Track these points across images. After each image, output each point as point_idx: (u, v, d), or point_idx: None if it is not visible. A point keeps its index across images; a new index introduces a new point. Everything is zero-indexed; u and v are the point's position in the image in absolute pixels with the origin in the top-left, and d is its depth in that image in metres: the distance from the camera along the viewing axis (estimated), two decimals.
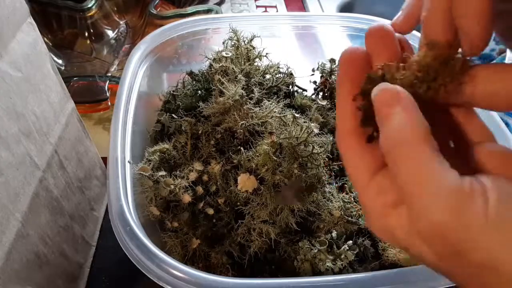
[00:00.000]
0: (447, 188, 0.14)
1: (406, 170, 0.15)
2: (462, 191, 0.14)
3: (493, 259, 0.14)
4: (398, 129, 0.16)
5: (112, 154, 0.30)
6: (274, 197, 0.28)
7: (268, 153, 0.25)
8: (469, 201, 0.14)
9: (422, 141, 0.15)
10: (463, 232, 0.14)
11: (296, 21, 0.46)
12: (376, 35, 0.18)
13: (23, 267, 0.28)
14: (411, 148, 0.15)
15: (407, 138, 0.15)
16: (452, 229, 0.14)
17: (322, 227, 0.30)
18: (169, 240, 0.31)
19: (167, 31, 0.42)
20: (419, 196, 0.15)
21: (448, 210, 0.14)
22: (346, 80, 0.18)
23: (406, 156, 0.15)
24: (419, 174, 0.15)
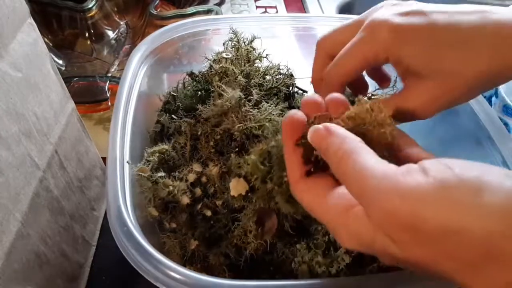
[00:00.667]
0: (387, 176, 0.16)
1: (351, 175, 0.18)
2: (401, 173, 0.16)
3: (446, 222, 0.15)
4: (336, 151, 0.19)
5: (111, 154, 0.30)
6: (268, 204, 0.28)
7: (256, 162, 0.26)
8: (409, 178, 0.16)
9: (358, 150, 0.18)
10: (411, 205, 0.15)
11: (296, 22, 0.46)
12: (308, 105, 0.23)
13: (23, 267, 0.28)
14: (351, 159, 0.18)
15: (346, 152, 0.18)
16: (402, 208, 0.15)
17: (319, 229, 0.30)
18: (168, 241, 0.31)
19: (167, 32, 0.42)
20: (366, 191, 0.17)
21: (392, 192, 0.16)
22: (289, 138, 0.22)
23: (348, 166, 0.18)
24: (361, 174, 0.17)
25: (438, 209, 0.15)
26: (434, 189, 0.15)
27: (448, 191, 0.15)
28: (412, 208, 0.15)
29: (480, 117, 0.36)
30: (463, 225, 0.14)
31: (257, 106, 0.33)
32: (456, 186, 0.15)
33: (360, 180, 0.17)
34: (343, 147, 0.19)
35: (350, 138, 0.19)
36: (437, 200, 0.15)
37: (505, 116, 0.47)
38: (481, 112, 0.36)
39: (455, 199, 0.14)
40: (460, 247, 0.15)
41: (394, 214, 0.15)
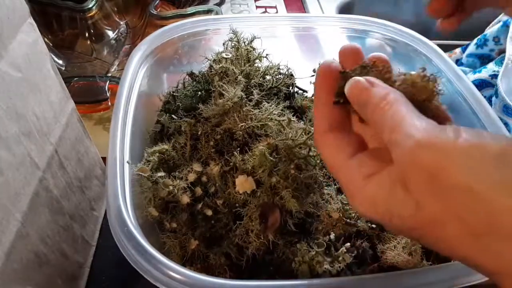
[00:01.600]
0: (423, 126, 0.17)
1: (388, 122, 0.18)
2: (436, 126, 0.17)
3: (466, 180, 0.15)
4: (377, 102, 0.19)
5: (111, 154, 0.30)
6: (272, 199, 0.28)
7: (264, 153, 0.26)
8: (442, 133, 0.16)
9: (401, 102, 0.18)
10: (438, 155, 0.16)
11: (296, 22, 0.46)
12: (347, 52, 0.23)
13: (23, 267, 0.28)
14: (392, 109, 0.18)
15: (388, 102, 0.18)
16: (429, 155, 0.16)
17: (320, 229, 0.30)
18: (168, 241, 0.31)
19: (167, 32, 0.42)
20: (400, 134, 0.17)
21: (424, 139, 0.16)
22: (323, 87, 0.22)
23: (388, 114, 0.18)
24: (399, 122, 0.17)
25: (462, 166, 0.15)
26: (463, 148, 0.16)
27: (475, 154, 0.15)
28: (439, 159, 0.16)
29: (480, 117, 0.36)
30: (480, 189, 0.15)
31: (257, 106, 0.33)
32: (483, 153, 0.15)
33: (397, 126, 0.17)
34: (387, 98, 0.18)
35: (394, 91, 0.19)
36: (463, 158, 0.15)
37: (505, 116, 0.47)
38: (481, 112, 0.36)
39: (479, 163, 0.15)
40: (470, 209, 0.15)
41: (420, 160, 0.16)
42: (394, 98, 0.18)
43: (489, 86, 0.53)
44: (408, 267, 0.29)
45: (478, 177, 0.15)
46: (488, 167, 0.15)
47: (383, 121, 0.18)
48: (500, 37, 0.56)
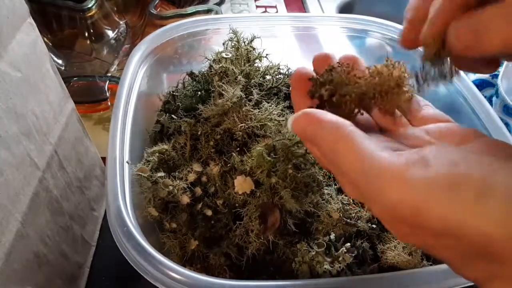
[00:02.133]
0: (387, 166, 0.15)
1: (346, 165, 0.17)
2: (402, 164, 0.15)
3: (447, 221, 0.14)
4: (324, 139, 0.17)
5: (110, 154, 0.30)
6: (272, 199, 0.28)
7: (262, 153, 0.26)
8: (410, 171, 0.15)
9: (352, 136, 0.17)
10: (413, 201, 0.15)
11: (296, 22, 0.46)
12: (320, 59, 0.22)
13: (22, 267, 0.28)
14: (345, 147, 0.17)
15: (338, 140, 0.17)
16: (403, 203, 0.15)
17: (320, 229, 0.30)
18: (168, 241, 0.31)
19: (167, 31, 0.42)
20: (365, 184, 0.16)
21: (394, 185, 0.15)
22: (298, 95, 0.22)
23: (342, 155, 0.17)
24: (358, 165, 0.16)
25: (440, 206, 0.14)
26: (436, 185, 0.14)
27: (450, 190, 0.14)
28: (414, 204, 0.15)
29: (481, 117, 0.36)
30: (463, 226, 0.14)
31: (257, 106, 0.33)
32: (459, 186, 0.14)
33: (359, 171, 0.16)
34: (334, 133, 0.17)
35: (340, 122, 0.17)
36: (439, 197, 0.14)
37: (506, 116, 0.47)
38: (482, 112, 0.36)
39: (457, 199, 0.14)
40: (458, 243, 0.15)
41: (395, 209, 0.15)
42: (341, 134, 0.17)
43: (490, 86, 0.53)
44: (408, 267, 0.29)
45: (459, 215, 0.14)
46: (467, 202, 0.14)
47: (341, 165, 0.17)
48: None
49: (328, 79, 0.21)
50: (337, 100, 0.21)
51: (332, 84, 0.21)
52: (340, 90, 0.21)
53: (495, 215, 0.13)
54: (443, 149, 0.16)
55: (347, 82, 0.21)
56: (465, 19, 0.16)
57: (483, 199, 0.13)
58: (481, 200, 0.13)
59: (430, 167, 0.15)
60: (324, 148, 0.18)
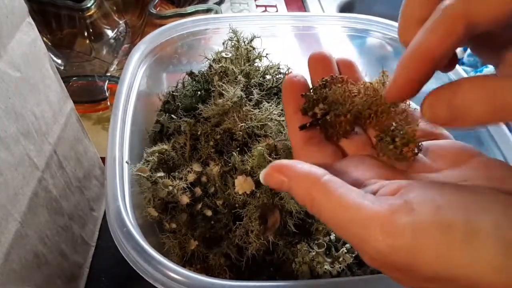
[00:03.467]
0: (372, 216, 0.15)
1: (330, 217, 0.16)
2: (386, 211, 0.15)
3: (438, 269, 0.14)
4: (303, 193, 0.17)
5: (110, 154, 0.30)
6: (272, 200, 0.28)
7: (263, 153, 0.26)
8: (395, 220, 0.14)
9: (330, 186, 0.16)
10: (400, 254, 0.14)
11: (297, 21, 0.46)
12: (316, 61, 0.22)
13: (22, 267, 0.28)
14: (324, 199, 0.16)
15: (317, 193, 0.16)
16: (392, 253, 0.14)
17: (320, 230, 0.30)
18: (168, 241, 0.31)
19: (167, 31, 0.42)
20: (348, 235, 0.15)
21: (380, 236, 0.14)
22: (289, 103, 0.21)
23: (317, 203, 0.16)
24: (336, 213, 0.15)
25: (428, 251, 0.14)
26: (423, 231, 0.14)
27: (436, 235, 0.14)
28: (403, 250, 0.14)
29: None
30: (452, 269, 0.14)
31: (257, 106, 0.33)
32: (445, 230, 0.14)
33: (340, 223, 0.16)
34: (309, 185, 0.16)
35: (313, 173, 0.17)
36: (426, 242, 0.14)
37: None
38: None
39: (444, 243, 0.14)
40: (448, 286, 0.14)
41: (384, 257, 0.15)
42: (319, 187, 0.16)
43: None
44: None
45: (448, 263, 0.13)
46: (455, 248, 0.13)
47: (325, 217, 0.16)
48: None
49: (322, 96, 0.20)
50: (331, 119, 0.20)
51: (326, 102, 0.20)
52: (335, 109, 0.20)
53: (482, 257, 0.13)
54: (427, 191, 0.15)
55: (342, 101, 0.20)
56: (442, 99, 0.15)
57: (469, 242, 0.13)
58: (467, 243, 0.13)
59: (414, 212, 0.14)
60: (301, 200, 0.17)
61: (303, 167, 0.17)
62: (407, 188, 0.16)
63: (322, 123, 0.20)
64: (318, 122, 0.21)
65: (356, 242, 0.15)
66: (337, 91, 0.20)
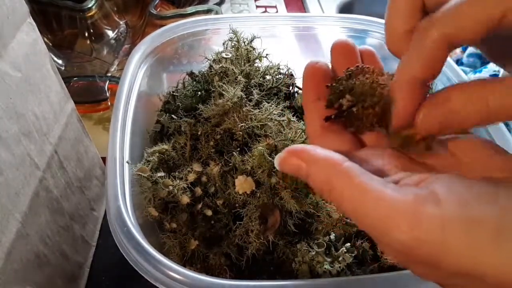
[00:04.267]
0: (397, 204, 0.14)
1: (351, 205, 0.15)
2: (412, 201, 0.14)
3: (465, 266, 0.13)
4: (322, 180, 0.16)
5: (110, 154, 0.30)
6: (272, 199, 0.28)
7: (263, 153, 0.26)
8: (422, 211, 0.14)
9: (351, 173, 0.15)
10: (426, 247, 0.13)
11: (297, 22, 0.46)
12: (339, 49, 0.21)
13: (23, 267, 0.28)
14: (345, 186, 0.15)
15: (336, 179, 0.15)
16: (415, 248, 0.14)
17: (320, 229, 0.30)
18: (168, 241, 0.31)
19: (167, 31, 0.42)
20: (369, 225, 0.15)
21: (406, 226, 0.14)
22: (310, 90, 0.20)
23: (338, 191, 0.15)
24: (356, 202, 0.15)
25: (457, 246, 0.13)
26: (451, 225, 0.13)
27: (465, 230, 0.13)
28: (430, 243, 0.13)
29: None
30: (480, 267, 0.13)
31: (257, 106, 0.33)
32: (474, 227, 0.13)
33: (360, 212, 0.15)
34: (329, 171, 0.16)
35: (334, 158, 0.16)
36: (455, 237, 0.13)
37: None
38: None
39: (473, 240, 0.13)
40: (474, 283, 0.14)
41: (410, 249, 0.14)
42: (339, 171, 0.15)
43: None
44: None
45: (476, 259, 0.13)
46: (484, 245, 0.13)
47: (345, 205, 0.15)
48: None
49: (349, 87, 0.19)
50: (357, 112, 0.19)
51: (353, 93, 0.19)
52: (363, 102, 0.19)
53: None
54: (453, 185, 0.14)
55: (370, 93, 0.19)
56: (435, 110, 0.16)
57: (499, 240, 0.13)
58: (498, 241, 0.13)
59: (442, 204, 0.14)
60: (319, 187, 0.16)
61: (322, 152, 0.16)
62: (432, 179, 0.15)
63: (348, 115, 0.19)
64: (343, 114, 0.19)
65: (378, 234, 0.15)
66: (365, 82, 0.19)
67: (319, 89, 0.20)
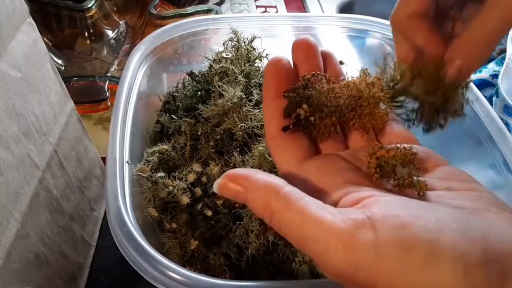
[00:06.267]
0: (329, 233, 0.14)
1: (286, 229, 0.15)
2: (350, 227, 0.14)
3: (404, 286, 0.13)
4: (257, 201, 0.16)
5: (110, 155, 0.30)
6: None
7: (264, 153, 0.26)
8: (359, 237, 0.14)
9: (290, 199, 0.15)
10: (362, 271, 0.14)
11: (297, 22, 0.46)
12: (301, 48, 0.21)
13: (22, 267, 0.28)
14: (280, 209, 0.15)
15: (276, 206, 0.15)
16: (351, 273, 0.14)
17: None
18: (168, 241, 0.31)
19: (167, 31, 0.42)
20: (308, 249, 0.15)
21: (343, 254, 0.14)
22: (270, 89, 0.20)
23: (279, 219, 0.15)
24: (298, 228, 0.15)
25: (390, 269, 0.13)
26: (385, 249, 0.14)
27: (399, 254, 0.13)
28: (364, 268, 0.14)
29: (481, 117, 0.36)
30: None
31: (257, 106, 0.33)
32: (408, 250, 0.13)
33: (298, 236, 0.15)
34: (271, 198, 0.15)
35: (274, 184, 0.16)
36: (388, 260, 0.13)
37: (506, 116, 0.47)
38: (482, 111, 0.36)
39: (406, 263, 0.13)
40: None
41: (346, 276, 0.14)
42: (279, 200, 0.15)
43: (490, 86, 0.53)
44: None
45: (411, 280, 0.13)
46: (418, 266, 0.13)
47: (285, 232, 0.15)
48: None
49: (306, 96, 0.19)
50: (315, 121, 0.19)
51: (310, 103, 0.19)
52: (320, 112, 0.19)
53: (442, 280, 0.13)
54: (391, 206, 0.15)
55: (326, 103, 0.19)
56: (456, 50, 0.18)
57: (430, 263, 0.13)
58: (428, 264, 0.13)
59: (377, 230, 0.14)
60: (259, 212, 0.16)
61: (262, 177, 0.16)
62: (372, 201, 0.15)
63: (305, 124, 0.20)
64: (301, 123, 0.20)
65: (317, 258, 0.15)
66: (322, 92, 0.20)
67: (280, 87, 0.20)
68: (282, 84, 0.20)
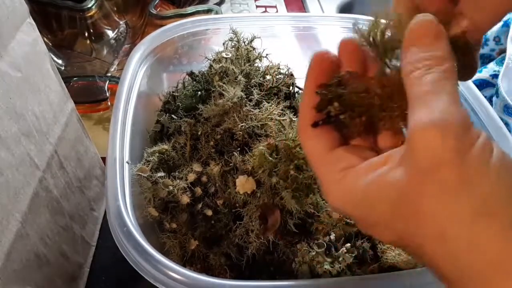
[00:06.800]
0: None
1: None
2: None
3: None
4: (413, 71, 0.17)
5: (110, 155, 0.30)
6: (272, 199, 0.28)
7: (264, 153, 0.26)
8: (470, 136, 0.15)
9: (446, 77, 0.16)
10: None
11: (297, 22, 0.46)
12: (346, 48, 0.21)
13: (22, 267, 0.28)
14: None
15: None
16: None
17: (320, 229, 0.30)
18: (168, 241, 0.31)
19: (167, 31, 0.42)
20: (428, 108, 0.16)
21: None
22: (312, 79, 0.21)
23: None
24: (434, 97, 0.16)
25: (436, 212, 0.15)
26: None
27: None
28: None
29: (481, 117, 0.36)
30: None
31: (257, 106, 0.33)
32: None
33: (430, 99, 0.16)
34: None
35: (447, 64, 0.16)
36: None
37: (506, 116, 0.47)
38: (482, 111, 0.36)
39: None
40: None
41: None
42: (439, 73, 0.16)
43: (490, 86, 0.53)
44: (408, 267, 0.29)
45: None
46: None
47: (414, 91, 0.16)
48: (500, 37, 0.56)
49: (338, 94, 0.20)
50: (345, 120, 0.20)
51: (341, 101, 0.19)
52: (351, 111, 0.19)
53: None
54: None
55: (359, 102, 0.19)
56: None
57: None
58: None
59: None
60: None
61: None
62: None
63: (336, 122, 0.20)
64: (331, 120, 0.20)
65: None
66: (355, 91, 0.19)
67: (321, 79, 0.20)
68: (324, 77, 0.21)
